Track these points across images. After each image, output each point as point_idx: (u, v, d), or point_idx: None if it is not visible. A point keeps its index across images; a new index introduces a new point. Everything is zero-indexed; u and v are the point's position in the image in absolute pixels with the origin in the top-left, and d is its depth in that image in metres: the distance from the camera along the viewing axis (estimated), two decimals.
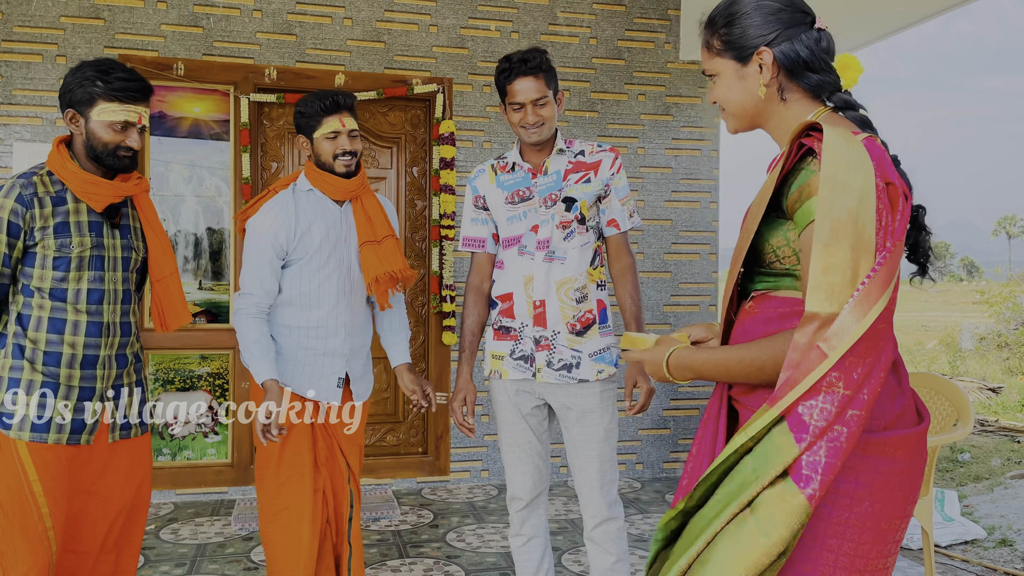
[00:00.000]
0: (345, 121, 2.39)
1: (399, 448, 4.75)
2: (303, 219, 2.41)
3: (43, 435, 2.02)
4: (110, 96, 2.03)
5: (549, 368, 2.36)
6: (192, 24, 4.35)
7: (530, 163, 2.43)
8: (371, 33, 4.59)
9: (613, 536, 2.40)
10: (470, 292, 2.52)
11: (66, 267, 2.05)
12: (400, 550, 3.58)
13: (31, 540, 1.98)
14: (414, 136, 4.74)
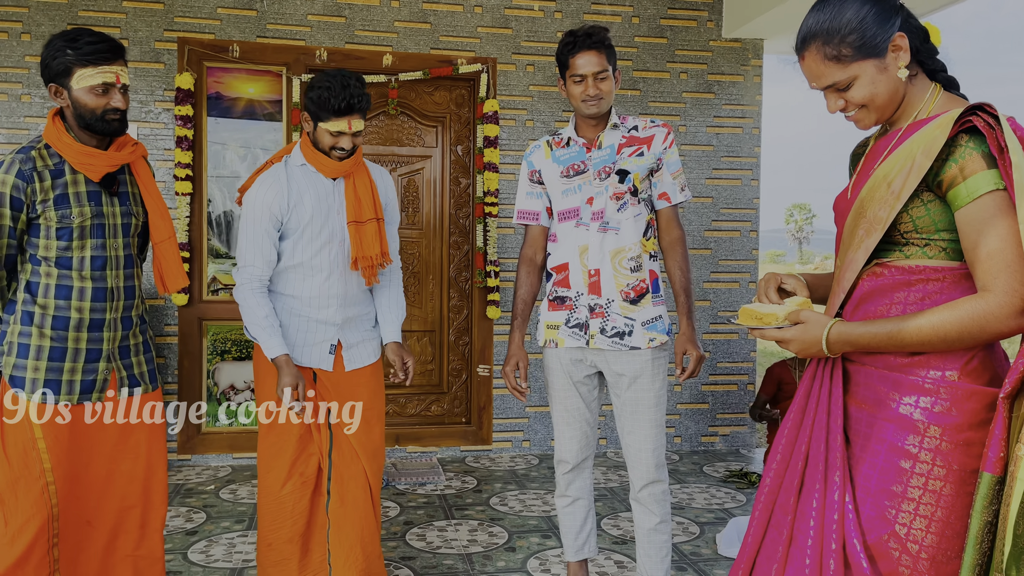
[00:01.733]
0: (353, 123, 2.39)
1: (443, 418, 4.91)
2: (294, 192, 2.44)
3: (55, 395, 2.12)
4: (83, 62, 2.06)
5: (602, 335, 2.46)
6: (247, 7, 4.50)
7: (585, 138, 2.52)
8: (417, 14, 4.70)
9: (658, 498, 2.50)
10: (523, 263, 2.63)
11: (69, 237, 2.13)
12: (446, 512, 3.74)
13: (33, 493, 2.09)
14: (459, 115, 4.86)
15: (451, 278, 4.89)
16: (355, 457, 2.53)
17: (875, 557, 1.37)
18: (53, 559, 2.15)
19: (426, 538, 3.40)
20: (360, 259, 2.49)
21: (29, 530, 2.09)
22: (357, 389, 2.57)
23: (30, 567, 2.10)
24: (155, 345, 2.44)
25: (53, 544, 2.14)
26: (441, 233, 4.87)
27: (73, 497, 2.18)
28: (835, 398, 1.46)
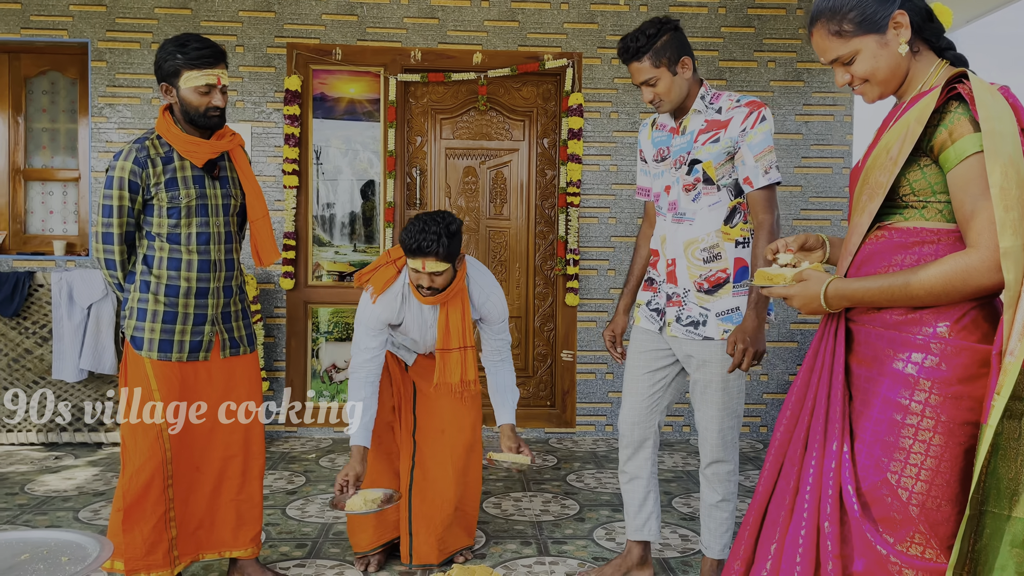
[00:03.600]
0: (427, 264, 2.64)
1: (529, 400, 5.10)
2: (403, 311, 2.85)
3: (167, 354, 2.46)
4: (190, 65, 2.36)
5: (677, 323, 2.52)
6: (348, 13, 4.85)
7: (674, 122, 2.57)
8: (506, 13, 4.91)
9: (722, 477, 2.56)
10: (640, 237, 2.77)
11: (177, 215, 2.44)
12: (523, 485, 3.94)
13: (149, 439, 2.42)
14: (545, 109, 5.04)
15: (536, 266, 5.08)
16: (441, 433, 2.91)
17: (868, 503, 1.46)
18: (168, 498, 2.47)
19: (501, 506, 3.60)
20: (441, 384, 2.82)
21: (146, 470, 2.42)
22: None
23: (149, 503, 2.44)
24: (251, 313, 2.76)
25: (168, 484, 2.47)
26: (527, 223, 5.07)
27: (184, 445, 2.50)
28: (838, 356, 1.56)
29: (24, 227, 4.97)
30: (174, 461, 2.48)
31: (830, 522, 1.47)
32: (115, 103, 4.75)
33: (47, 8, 4.69)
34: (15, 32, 4.68)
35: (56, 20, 4.70)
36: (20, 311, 4.37)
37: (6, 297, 4.32)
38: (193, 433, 2.52)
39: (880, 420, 1.47)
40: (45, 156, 5.01)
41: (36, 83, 4.98)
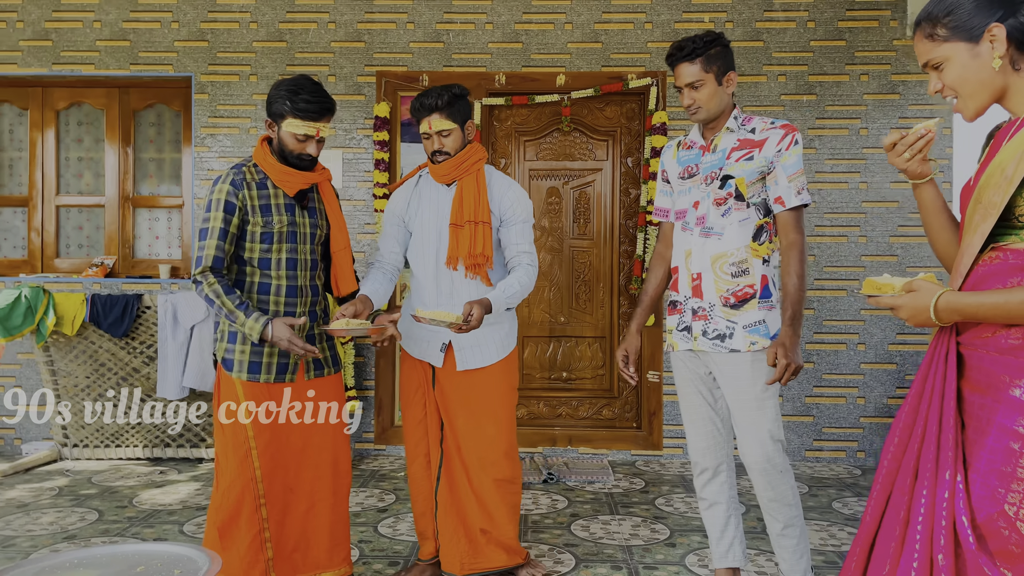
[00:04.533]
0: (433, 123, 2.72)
1: (614, 422, 5.06)
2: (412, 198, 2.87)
3: (256, 375, 2.54)
4: (295, 114, 2.48)
5: (704, 337, 2.49)
6: (435, 40, 4.96)
7: (704, 140, 2.58)
8: (589, 35, 4.94)
9: (779, 503, 2.46)
10: (654, 257, 2.76)
11: (270, 240, 2.54)
12: (611, 508, 3.90)
13: (239, 458, 2.51)
14: (629, 128, 5.03)
15: (621, 286, 5.06)
16: (457, 452, 2.82)
17: (984, 536, 1.39)
18: (262, 517, 2.54)
19: (590, 529, 3.58)
20: (450, 259, 2.75)
21: (235, 488, 2.51)
22: (469, 389, 2.81)
23: (242, 522, 2.51)
24: None
25: (260, 504, 2.53)
26: (611, 243, 5.05)
27: (276, 465, 2.57)
28: (949, 381, 1.49)
29: (132, 252, 5.26)
30: (264, 480, 2.54)
31: (944, 555, 1.41)
32: (216, 133, 4.98)
33: (154, 45, 4.98)
34: (125, 68, 4.98)
35: (162, 56, 4.98)
36: (129, 332, 4.61)
37: (116, 319, 4.57)
38: (283, 452, 2.58)
39: (996, 449, 1.40)
40: (152, 184, 5.30)
41: (144, 116, 5.27)
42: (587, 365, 5.08)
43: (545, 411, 5.09)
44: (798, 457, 4.91)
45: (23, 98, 5.20)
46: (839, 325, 4.89)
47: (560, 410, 5.08)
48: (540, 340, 5.09)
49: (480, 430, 2.81)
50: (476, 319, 2.55)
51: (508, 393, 2.89)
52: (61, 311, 4.49)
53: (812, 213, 4.88)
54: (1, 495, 4.03)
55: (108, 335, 4.59)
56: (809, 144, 4.89)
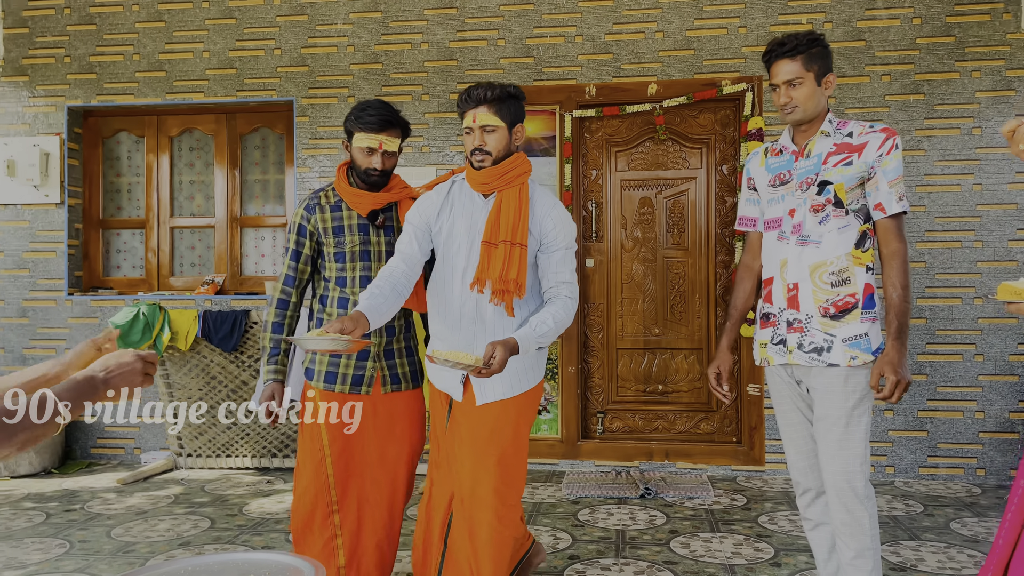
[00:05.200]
0: (478, 115, 2.41)
1: (713, 436, 4.94)
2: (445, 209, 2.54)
3: (332, 385, 2.63)
4: (359, 128, 2.59)
5: (800, 350, 2.39)
6: (525, 55, 5.00)
7: (796, 145, 2.47)
8: (681, 42, 4.87)
9: (854, 529, 2.33)
10: (741, 269, 2.66)
11: (343, 259, 2.64)
12: (712, 525, 3.80)
13: (314, 464, 2.61)
14: (723, 135, 4.93)
15: (717, 297, 4.94)
16: (460, 500, 2.49)
17: None
18: (334, 524, 2.63)
19: (690, 547, 3.49)
20: (478, 280, 2.42)
21: (309, 494, 2.62)
22: (480, 423, 2.48)
23: (315, 526, 2.62)
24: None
25: (332, 511, 2.62)
26: (707, 252, 4.95)
27: (349, 473, 2.64)
28: None
29: (240, 270, 5.50)
30: (337, 487, 2.63)
31: None
32: (316, 154, 5.16)
33: (258, 72, 5.21)
34: (232, 95, 5.23)
35: (266, 82, 5.20)
36: (238, 346, 4.81)
37: (226, 334, 4.78)
38: (356, 462, 2.65)
39: None
40: (257, 205, 5.53)
41: (249, 139, 5.52)
42: (683, 378, 4.98)
43: (640, 424, 5.01)
44: (911, 474, 4.66)
45: (140, 126, 5.53)
46: (954, 335, 4.62)
47: (656, 423, 5.00)
48: (634, 352, 5.02)
49: (484, 476, 2.45)
50: (499, 363, 2.20)
51: (523, 433, 2.53)
52: (176, 327, 4.73)
53: (922, 218, 4.65)
54: (122, 502, 4.27)
55: (219, 349, 4.81)
56: (917, 146, 4.66)
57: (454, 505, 2.53)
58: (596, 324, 5.04)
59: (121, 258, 5.62)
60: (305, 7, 5.17)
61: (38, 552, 3.46)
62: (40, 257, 5.34)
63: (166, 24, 5.27)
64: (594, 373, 5.05)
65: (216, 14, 5.24)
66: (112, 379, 1.51)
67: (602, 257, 5.03)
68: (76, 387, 1.44)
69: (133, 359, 1.55)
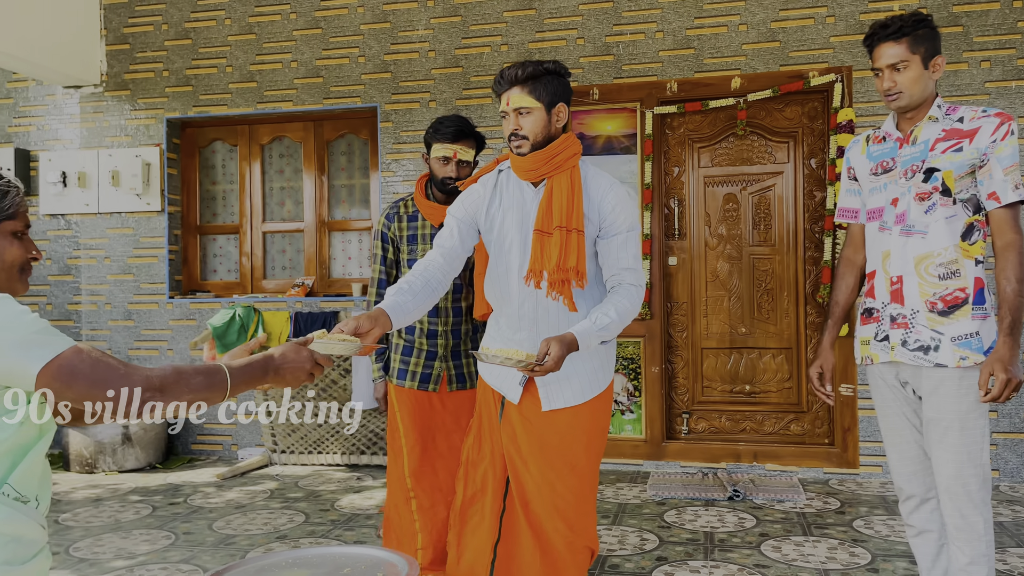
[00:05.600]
0: (512, 98, 2.24)
1: (803, 438, 4.81)
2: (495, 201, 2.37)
3: (403, 381, 2.84)
4: (436, 139, 2.76)
5: (903, 347, 2.28)
6: (604, 53, 4.98)
7: (901, 132, 2.35)
8: (766, 34, 4.76)
9: (969, 536, 2.22)
10: (842, 263, 2.54)
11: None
12: (804, 529, 3.70)
13: (394, 454, 2.84)
14: (811, 128, 4.79)
15: (807, 294, 4.81)
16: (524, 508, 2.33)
17: None
18: (411, 510, 2.80)
19: (781, 550, 3.41)
20: (533, 272, 2.23)
21: (390, 482, 2.86)
22: (548, 431, 2.30)
23: (397, 512, 2.82)
24: None
25: (410, 497, 2.81)
26: (795, 249, 4.82)
27: (423, 464, 2.82)
28: None
29: (328, 272, 5.66)
30: (412, 476, 2.81)
31: None
32: (400, 158, 5.27)
33: (343, 80, 5.35)
34: (319, 102, 5.39)
35: (351, 89, 5.34)
36: None
37: None
38: (429, 453, 2.85)
39: None
40: (344, 209, 5.68)
41: (336, 145, 5.67)
42: (772, 378, 4.86)
43: (727, 425, 4.92)
44: (1017, 478, 4.43)
45: (233, 135, 5.76)
46: None
47: (744, 424, 4.90)
48: (720, 352, 4.94)
49: (557, 484, 2.29)
50: (554, 360, 2.03)
51: (597, 439, 2.37)
52: (269, 328, 4.91)
53: None
54: (221, 496, 4.46)
55: None
56: (1022, 134, 4.43)
57: (516, 513, 2.34)
58: (680, 323, 4.98)
59: (217, 262, 5.86)
60: (387, 15, 5.28)
61: (146, 543, 3.64)
62: (143, 262, 5.62)
63: (256, 36, 5.47)
64: (678, 373, 4.98)
65: (303, 25, 5.41)
66: (284, 368, 1.58)
67: (685, 255, 4.96)
68: (249, 366, 1.52)
69: (308, 357, 1.62)
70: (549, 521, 2.29)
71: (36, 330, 1.31)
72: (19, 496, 1.38)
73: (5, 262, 1.46)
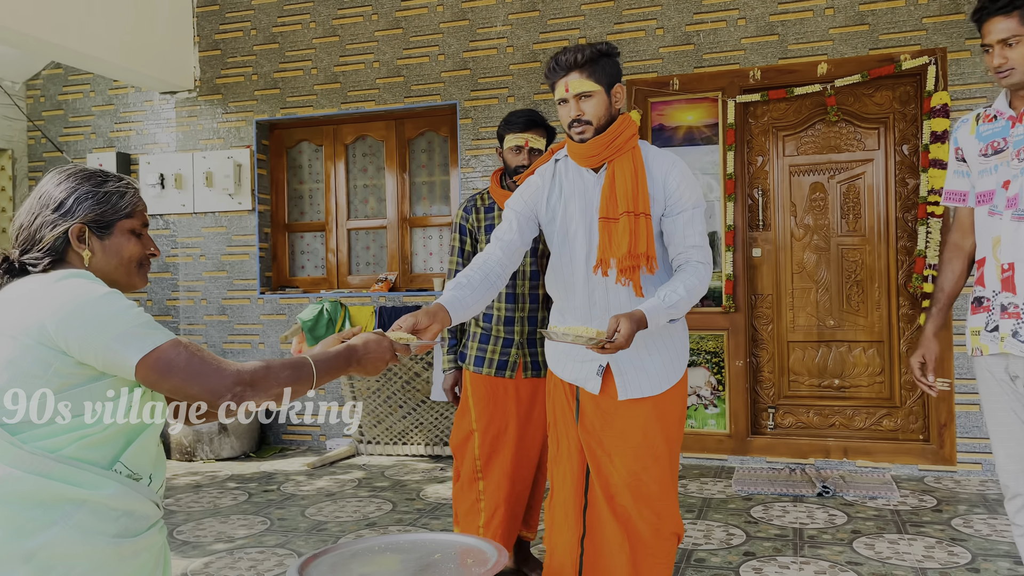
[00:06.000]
0: (570, 85, 2.19)
1: (897, 434, 4.65)
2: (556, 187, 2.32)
3: (479, 368, 2.88)
4: (508, 130, 2.86)
5: (1014, 338, 2.16)
6: (685, 43, 4.92)
7: (1014, 111, 2.23)
8: (853, 17, 4.61)
9: None
10: (948, 248, 2.43)
11: None
12: (898, 527, 3.58)
13: (463, 433, 2.89)
14: (903, 113, 4.62)
15: (900, 285, 4.64)
16: (608, 502, 2.30)
17: None
18: (478, 490, 2.88)
19: (875, 548, 3.32)
20: (602, 261, 2.19)
21: (460, 461, 2.93)
22: (629, 422, 2.28)
23: (464, 489, 2.90)
24: None
25: (478, 477, 2.88)
26: (886, 238, 4.66)
27: (493, 448, 2.88)
28: None
29: (410, 267, 5.77)
30: (482, 458, 2.88)
31: None
32: (479, 154, 5.33)
33: (424, 78, 5.44)
34: (400, 101, 5.49)
35: (430, 87, 5.43)
36: None
37: None
38: (501, 439, 2.89)
39: None
40: (424, 205, 5.78)
41: (416, 143, 5.78)
42: (862, 372, 4.72)
43: (815, 420, 4.80)
44: None
45: (318, 136, 5.93)
46: None
47: (833, 420, 4.77)
48: (807, 345, 4.82)
49: (642, 474, 2.27)
50: (624, 336, 1.98)
51: (676, 427, 2.34)
52: (355, 322, 5.05)
53: None
54: (311, 484, 4.61)
55: None
56: None
57: (598, 506, 2.33)
58: (765, 316, 4.88)
59: (304, 259, 6.05)
60: (466, 12, 5.34)
61: (243, 527, 3.81)
62: (236, 260, 5.85)
63: (339, 38, 5.62)
64: (763, 367, 4.89)
65: (384, 25, 5.52)
66: (367, 358, 1.63)
67: (770, 247, 4.86)
68: (333, 358, 1.58)
69: (388, 347, 1.67)
70: (636, 511, 2.27)
71: (139, 323, 1.39)
72: (131, 474, 1.46)
73: (123, 257, 1.54)
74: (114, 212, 1.52)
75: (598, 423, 2.30)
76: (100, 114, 6.19)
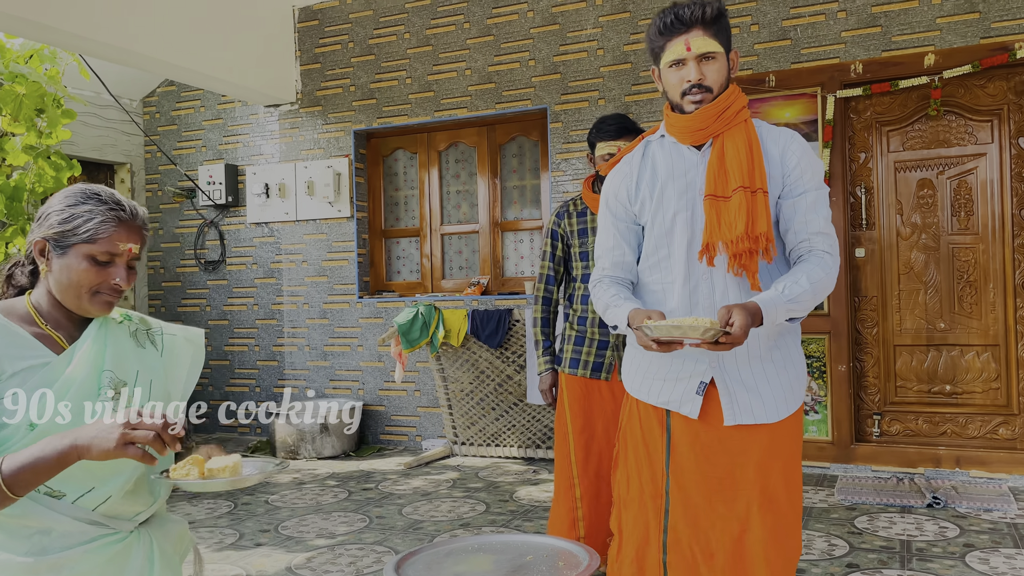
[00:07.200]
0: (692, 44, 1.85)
1: (1015, 443, 4.38)
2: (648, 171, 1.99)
3: (574, 370, 2.90)
4: (600, 137, 2.89)
5: None
6: (781, 38, 4.79)
7: None
8: (963, 5, 4.38)
9: None
10: None
11: (586, 258, 2.91)
12: (1016, 541, 3.38)
13: (560, 440, 2.92)
14: (1019, 105, 4.35)
15: (1017, 285, 4.37)
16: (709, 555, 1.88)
17: None
18: (575, 496, 2.88)
19: (990, 562, 3.14)
20: (710, 246, 1.85)
21: (557, 467, 2.94)
22: (739, 456, 1.87)
23: (561, 496, 2.90)
24: None
25: (574, 484, 2.88)
26: (1002, 236, 4.40)
27: (588, 452, 2.88)
28: None
29: (502, 271, 5.84)
30: (578, 464, 2.88)
31: None
32: (569, 158, 5.34)
33: (514, 83, 5.49)
34: (491, 108, 5.56)
35: (521, 92, 5.47)
36: (502, 343, 5.11)
37: (491, 331, 5.10)
38: (595, 442, 2.87)
39: None
40: (515, 209, 5.84)
41: (507, 148, 5.84)
42: (975, 377, 4.47)
43: (925, 428, 4.58)
44: None
45: (413, 144, 6.08)
46: None
47: (943, 428, 4.54)
48: (915, 349, 4.60)
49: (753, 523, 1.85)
50: (739, 328, 1.66)
51: (794, 467, 1.92)
52: (449, 325, 5.14)
53: None
54: (408, 483, 4.72)
55: (486, 346, 5.15)
56: None
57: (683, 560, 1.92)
58: (869, 319, 4.69)
59: (400, 264, 6.20)
60: (556, 16, 5.36)
61: (343, 524, 3.94)
62: (335, 265, 6.06)
63: (432, 48, 5.74)
64: (868, 372, 4.70)
65: (476, 33, 5.60)
66: (92, 441, 1.28)
67: (874, 246, 4.67)
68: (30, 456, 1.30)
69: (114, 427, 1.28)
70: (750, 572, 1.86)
71: None
72: (49, 491, 1.40)
73: (72, 281, 1.45)
74: (73, 234, 1.44)
75: (696, 457, 1.88)
76: (210, 128, 6.53)
